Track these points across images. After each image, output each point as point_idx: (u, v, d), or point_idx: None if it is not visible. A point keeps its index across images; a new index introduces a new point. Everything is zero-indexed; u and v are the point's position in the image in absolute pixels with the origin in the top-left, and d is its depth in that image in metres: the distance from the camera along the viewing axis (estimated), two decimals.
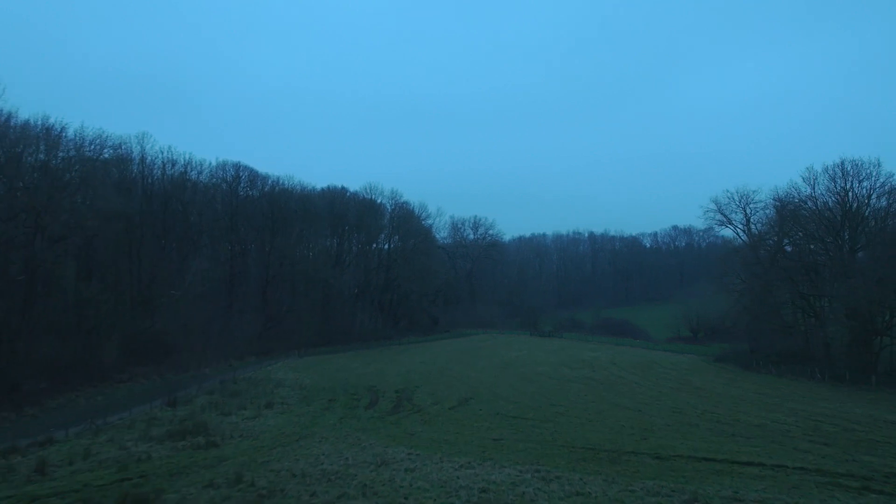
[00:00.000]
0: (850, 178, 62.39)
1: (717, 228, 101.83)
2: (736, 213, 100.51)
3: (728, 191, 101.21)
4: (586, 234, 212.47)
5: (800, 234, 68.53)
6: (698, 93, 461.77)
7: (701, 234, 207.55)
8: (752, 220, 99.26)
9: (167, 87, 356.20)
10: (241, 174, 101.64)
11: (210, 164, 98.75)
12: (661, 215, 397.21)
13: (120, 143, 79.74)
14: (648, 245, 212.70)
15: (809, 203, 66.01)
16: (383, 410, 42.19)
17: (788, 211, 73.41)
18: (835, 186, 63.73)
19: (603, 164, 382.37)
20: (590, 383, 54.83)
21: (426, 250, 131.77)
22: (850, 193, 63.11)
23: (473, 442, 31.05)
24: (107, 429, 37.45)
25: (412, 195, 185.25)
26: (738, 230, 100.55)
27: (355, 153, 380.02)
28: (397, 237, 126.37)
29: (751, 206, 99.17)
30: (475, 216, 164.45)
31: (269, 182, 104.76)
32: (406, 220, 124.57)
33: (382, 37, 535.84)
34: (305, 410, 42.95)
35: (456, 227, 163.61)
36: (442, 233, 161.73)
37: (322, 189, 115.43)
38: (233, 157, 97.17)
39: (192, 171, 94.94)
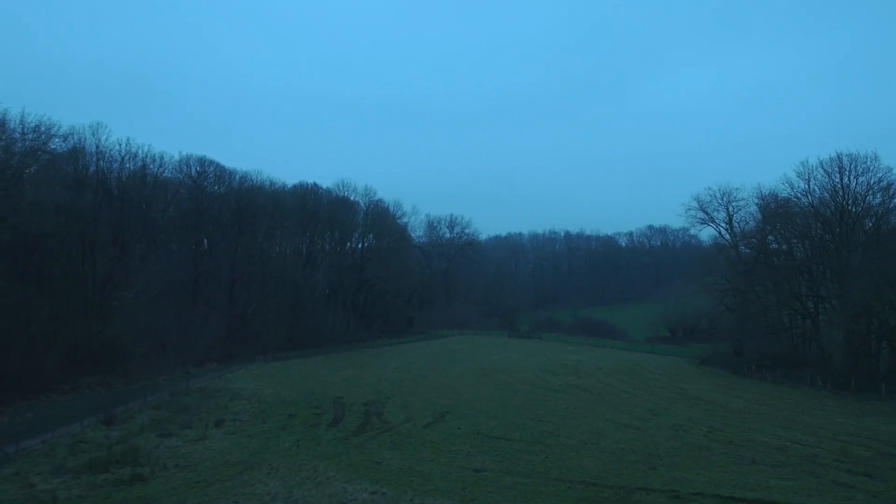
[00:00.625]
0: (847, 173, 58.07)
1: (698, 227, 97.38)
2: (718, 211, 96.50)
3: (710, 188, 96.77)
4: (562, 234, 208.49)
5: (792, 231, 63.90)
6: (674, 94, 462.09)
7: (676, 233, 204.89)
8: (734, 218, 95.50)
9: (135, 79, 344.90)
10: (206, 169, 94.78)
11: (173, 158, 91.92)
12: (636, 215, 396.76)
13: (70, 133, 72.74)
14: (624, 244, 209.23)
15: (804, 199, 61.47)
16: (348, 429, 36.32)
17: (775, 208, 68.96)
18: (831, 181, 59.35)
19: (579, 164, 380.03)
20: (577, 393, 49.54)
21: (401, 249, 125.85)
22: (847, 189, 58.76)
23: (451, 475, 25.44)
24: (18, 457, 31.04)
25: (387, 194, 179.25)
26: (721, 228, 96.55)
27: (329, 152, 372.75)
28: (371, 236, 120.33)
29: (733, 203, 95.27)
30: (451, 215, 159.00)
31: (237, 178, 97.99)
32: (380, 219, 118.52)
33: (357, 35, 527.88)
34: (259, 430, 36.91)
35: (432, 225, 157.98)
36: (417, 231, 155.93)
37: (293, 186, 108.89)
38: (207, 152, 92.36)
39: (153, 165, 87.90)
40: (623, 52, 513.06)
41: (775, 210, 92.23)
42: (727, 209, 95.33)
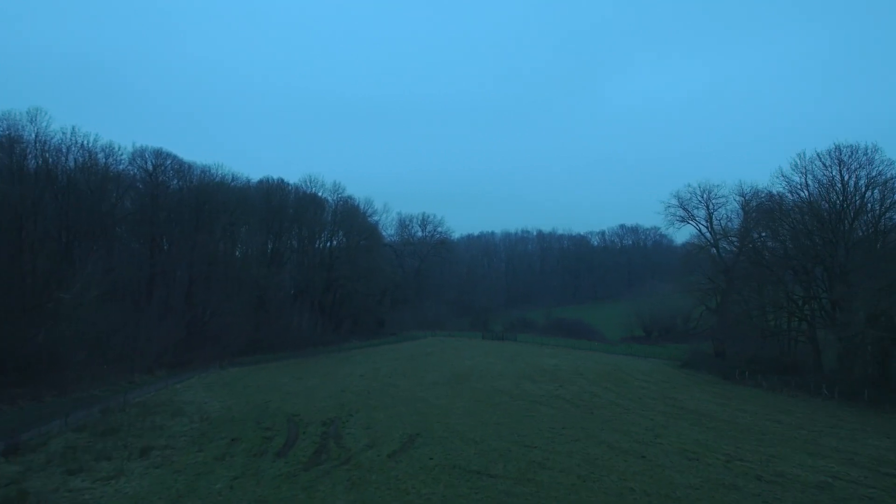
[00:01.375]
0: (846, 167, 53.08)
1: (677, 225, 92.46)
2: (698, 208, 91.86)
3: (690, 185, 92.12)
4: (534, 233, 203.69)
5: (784, 228, 58.79)
6: (645, 94, 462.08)
7: (647, 232, 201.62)
8: (714, 215, 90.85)
9: (90, 70, 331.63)
10: (163, 162, 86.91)
11: (126, 149, 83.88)
12: (608, 215, 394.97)
13: (2, 119, 64.85)
14: (596, 243, 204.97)
15: (800, 193, 56.28)
16: (299, 460, 29.57)
17: (766, 204, 63.85)
18: (828, 175, 54.28)
19: (551, 164, 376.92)
20: (562, 405, 43.45)
21: (372, 248, 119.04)
22: (846, 183, 53.76)
23: None
24: None
25: (358, 193, 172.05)
26: (701, 226, 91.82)
27: (299, 149, 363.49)
28: (341, 233, 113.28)
29: (714, 201, 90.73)
30: (423, 213, 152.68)
31: (197, 171, 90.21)
32: (350, 216, 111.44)
33: (329, 32, 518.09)
34: (191, 461, 29.94)
35: (403, 224, 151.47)
36: (389, 230, 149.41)
37: (258, 181, 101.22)
38: (171, 147, 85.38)
39: (104, 156, 79.92)
40: (593, 52, 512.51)
41: (766, 206, 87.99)
42: (707, 206, 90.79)
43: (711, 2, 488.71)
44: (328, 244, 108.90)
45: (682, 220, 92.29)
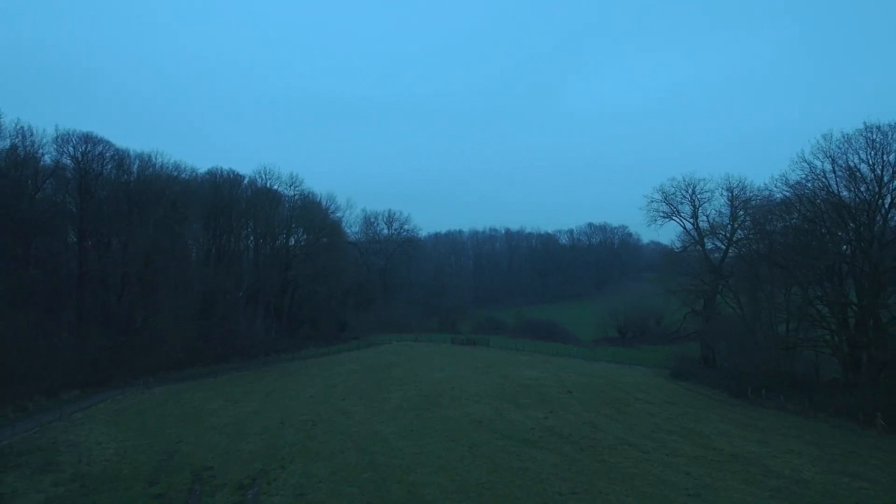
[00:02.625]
0: (880, 150, 43.21)
1: (660, 221, 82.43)
2: (683, 203, 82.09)
3: (674, 178, 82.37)
4: (503, 231, 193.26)
5: (804, 224, 48.65)
6: (608, 96, 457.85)
7: (615, 230, 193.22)
8: (700, 211, 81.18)
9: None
10: (92, 149, 73.18)
11: (50, 134, 70.18)
12: (576, 214, 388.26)
13: None
14: (565, 242, 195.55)
15: (823, 181, 45.98)
16: None
17: (787, 195, 53.66)
18: (858, 160, 44.27)
19: (521, 165, 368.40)
20: (561, 448, 32.25)
21: (334, 246, 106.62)
22: (875, 170, 43.88)
23: None
24: None
25: (322, 190, 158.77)
26: (686, 222, 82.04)
27: (257, 145, 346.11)
28: (302, 230, 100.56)
29: (699, 195, 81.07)
30: (389, 210, 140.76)
31: (133, 159, 76.68)
32: (309, 212, 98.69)
33: (302, 31, 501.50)
34: None
35: (369, 221, 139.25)
36: (354, 227, 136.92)
37: (205, 172, 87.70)
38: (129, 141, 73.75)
39: (18, 139, 66.28)
40: (560, 55, 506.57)
41: (738, 202, 78.83)
42: (693, 202, 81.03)
43: (685, 4, 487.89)
44: (285, 242, 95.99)
45: (666, 216, 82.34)
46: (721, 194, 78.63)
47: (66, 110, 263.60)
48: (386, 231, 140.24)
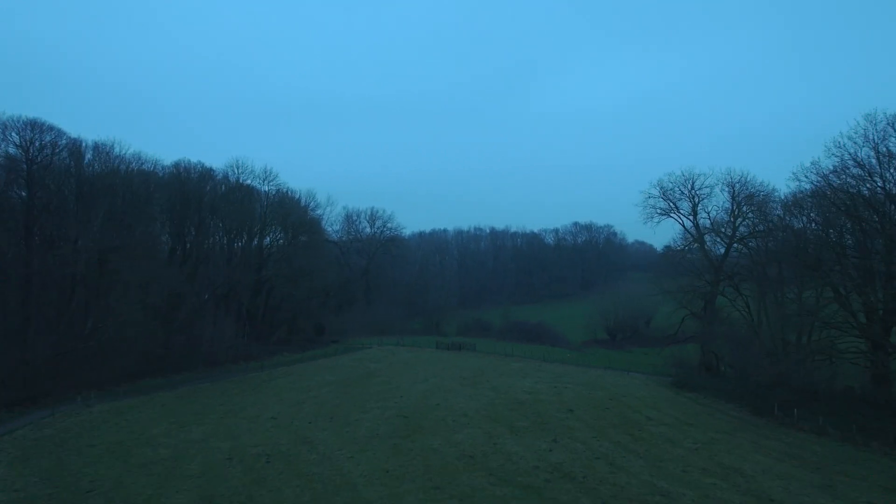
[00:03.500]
0: None
1: (657, 218, 75.36)
2: (682, 199, 75.07)
3: (672, 173, 75.46)
4: (487, 230, 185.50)
5: (839, 218, 41.41)
6: (591, 98, 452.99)
7: (601, 229, 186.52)
8: (699, 206, 74.17)
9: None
10: (39, 136, 64.13)
11: None
12: (562, 214, 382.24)
13: None
14: (550, 241, 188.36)
15: (865, 167, 38.57)
16: None
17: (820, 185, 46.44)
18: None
19: (506, 165, 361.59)
20: (575, 496, 24.59)
21: (312, 244, 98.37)
22: None
23: None
24: None
25: (302, 187, 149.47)
26: (685, 219, 75.01)
27: (239, 142, 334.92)
28: (278, 228, 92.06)
29: (699, 191, 74.10)
30: (372, 207, 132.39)
31: (87, 148, 67.80)
32: (286, 208, 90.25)
33: (280, 29, 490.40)
34: None
35: (350, 219, 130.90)
36: (335, 226, 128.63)
37: (171, 165, 78.80)
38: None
39: None
40: (541, 54, 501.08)
41: (741, 197, 71.90)
42: (692, 198, 74.04)
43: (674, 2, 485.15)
44: (259, 240, 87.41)
45: (664, 213, 75.34)
46: (721, 190, 71.80)
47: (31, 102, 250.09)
48: (368, 230, 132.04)
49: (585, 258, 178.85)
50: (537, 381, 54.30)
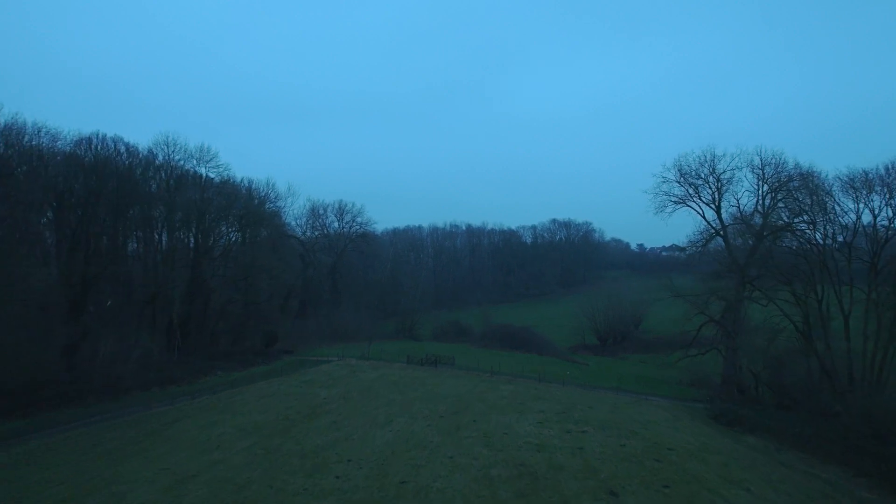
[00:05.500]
0: None
1: (671, 208, 58.51)
2: (703, 185, 58.29)
3: (692, 153, 58.97)
4: (464, 227, 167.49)
5: None
6: (564, 98, 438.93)
7: (579, 227, 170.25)
8: (723, 193, 57.53)
9: None
10: None
11: None
12: (540, 213, 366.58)
13: None
14: (528, 239, 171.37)
15: None
16: None
17: None
18: None
19: (482, 164, 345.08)
20: None
21: (267, 240, 79.47)
22: None
23: None
24: None
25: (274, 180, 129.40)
26: (707, 208, 58.28)
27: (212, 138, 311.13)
28: (222, 220, 72.77)
29: (722, 175, 57.44)
30: (340, 200, 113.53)
31: None
32: (230, 196, 71.05)
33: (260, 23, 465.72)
34: None
35: (316, 213, 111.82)
36: (300, 220, 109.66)
37: (75, 140, 58.69)
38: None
39: None
40: (511, 58, 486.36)
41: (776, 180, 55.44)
42: (716, 183, 57.32)
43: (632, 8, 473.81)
44: (196, 235, 68.00)
45: (679, 201, 58.50)
46: (752, 172, 55.27)
47: None
48: (337, 224, 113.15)
49: (565, 256, 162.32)
50: (543, 422, 36.80)
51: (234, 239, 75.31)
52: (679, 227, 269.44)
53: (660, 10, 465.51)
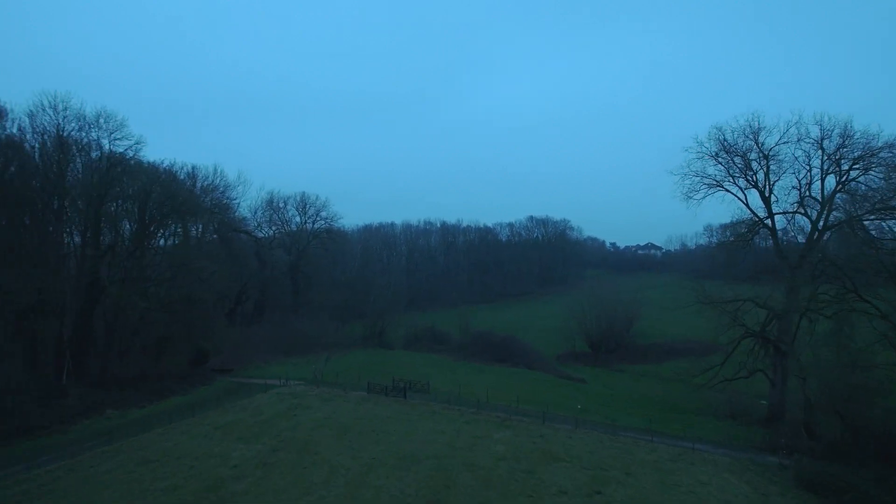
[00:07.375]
0: None
1: (703, 192, 43.41)
2: (749, 164, 43.13)
3: (735, 119, 44.07)
4: (438, 224, 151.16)
5: None
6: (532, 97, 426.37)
7: (557, 224, 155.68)
8: (769, 170, 42.65)
9: None
10: None
11: None
12: (517, 212, 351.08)
13: None
14: (506, 237, 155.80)
15: None
16: None
17: None
18: None
19: (457, 163, 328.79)
20: None
21: (198, 235, 61.96)
22: None
23: None
24: None
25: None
26: (750, 191, 43.28)
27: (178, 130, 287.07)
28: (136, 207, 54.71)
29: (769, 150, 42.52)
30: (303, 193, 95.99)
31: None
32: (145, 178, 52.99)
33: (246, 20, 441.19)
34: None
35: (275, 206, 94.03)
36: (257, 214, 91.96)
37: None
38: None
39: None
40: (494, 56, 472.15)
41: None
42: (764, 160, 42.33)
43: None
44: (92, 228, 49.83)
45: (716, 183, 43.40)
46: (808, 145, 40.52)
47: None
48: (298, 219, 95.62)
49: (543, 254, 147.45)
50: None
51: (161, 233, 57.68)
52: (655, 226, 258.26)
53: (642, 6, 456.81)
